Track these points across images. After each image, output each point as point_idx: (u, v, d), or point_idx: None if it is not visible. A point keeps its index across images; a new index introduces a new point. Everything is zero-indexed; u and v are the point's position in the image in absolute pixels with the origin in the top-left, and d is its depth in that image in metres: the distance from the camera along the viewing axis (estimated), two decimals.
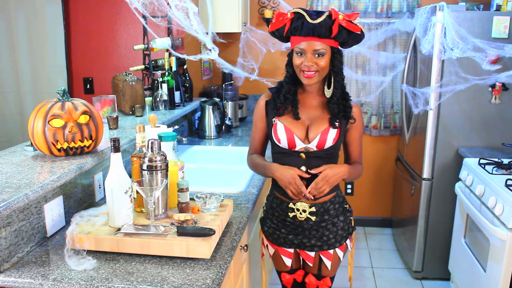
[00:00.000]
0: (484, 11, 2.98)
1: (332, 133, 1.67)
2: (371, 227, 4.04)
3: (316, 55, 1.59)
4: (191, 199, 1.65)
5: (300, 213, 1.74)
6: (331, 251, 1.79)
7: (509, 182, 2.24)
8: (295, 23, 1.58)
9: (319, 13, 1.57)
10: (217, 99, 3.12)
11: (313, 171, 1.65)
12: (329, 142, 1.67)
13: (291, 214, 1.76)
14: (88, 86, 3.31)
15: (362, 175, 1.85)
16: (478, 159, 2.62)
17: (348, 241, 1.84)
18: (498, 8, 2.93)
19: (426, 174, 3.01)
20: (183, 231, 1.39)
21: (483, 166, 2.54)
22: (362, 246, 3.68)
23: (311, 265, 1.82)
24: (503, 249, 2.15)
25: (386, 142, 3.86)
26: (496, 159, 2.60)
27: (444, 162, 2.97)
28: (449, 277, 3.00)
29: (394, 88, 3.70)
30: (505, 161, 2.57)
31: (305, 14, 1.56)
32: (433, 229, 3.07)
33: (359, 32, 1.59)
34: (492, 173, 2.44)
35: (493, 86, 2.80)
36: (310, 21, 1.55)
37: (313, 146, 1.67)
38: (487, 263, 2.31)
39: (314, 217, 1.73)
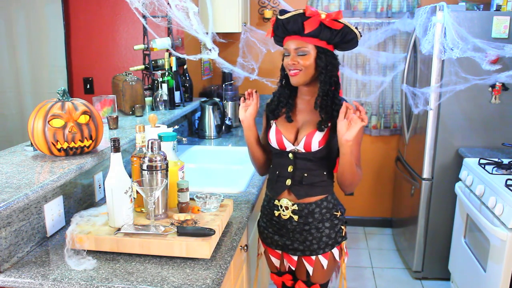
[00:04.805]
0: (484, 11, 2.98)
1: (318, 137, 1.65)
2: (371, 227, 4.04)
3: (299, 54, 1.62)
4: (191, 199, 1.65)
5: (283, 210, 1.73)
6: (313, 257, 1.75)
7: (509, 182, 2.24)
8: (275, 24, 1.64)
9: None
10: (217, 99, 3.12)
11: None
12: (314, 145, 1.66)
13: (276, 213, 1.76)
14: (88, 86, 3.31)
15: (362, 175, 1.84)
16: (478, 159, 2.62)
17: (335, 251, 1.78)
18: (498, 8, 2.93)
19: (426, 174, 3.01)
20: (183, 231, 1.39)
21: (483, 166, 2.54)
22: (362, 246, 3.68)
23: (293, 268, 1.82)
24: (503, 249, 2.15)
25: (386, 142, 3.87)
26: (496, 159, 2.60)
27: (444, 162, 2.96)
28: (449, 277, 3.00)
29: (394, 88, 3.70)
30: (505, 161, 2.57)
31: (278, 13, 1.61)
32: (433, 229, 3.07)
33: (339, 29, 1.56)
34: (492, 173, 2.44)
35: (493, 86, 2.80)
36: (279, 17, 1.60)
37: (300, 148, 1.68)
38: (487, 263, 2.31)
39: (297, 217, 1.72)
